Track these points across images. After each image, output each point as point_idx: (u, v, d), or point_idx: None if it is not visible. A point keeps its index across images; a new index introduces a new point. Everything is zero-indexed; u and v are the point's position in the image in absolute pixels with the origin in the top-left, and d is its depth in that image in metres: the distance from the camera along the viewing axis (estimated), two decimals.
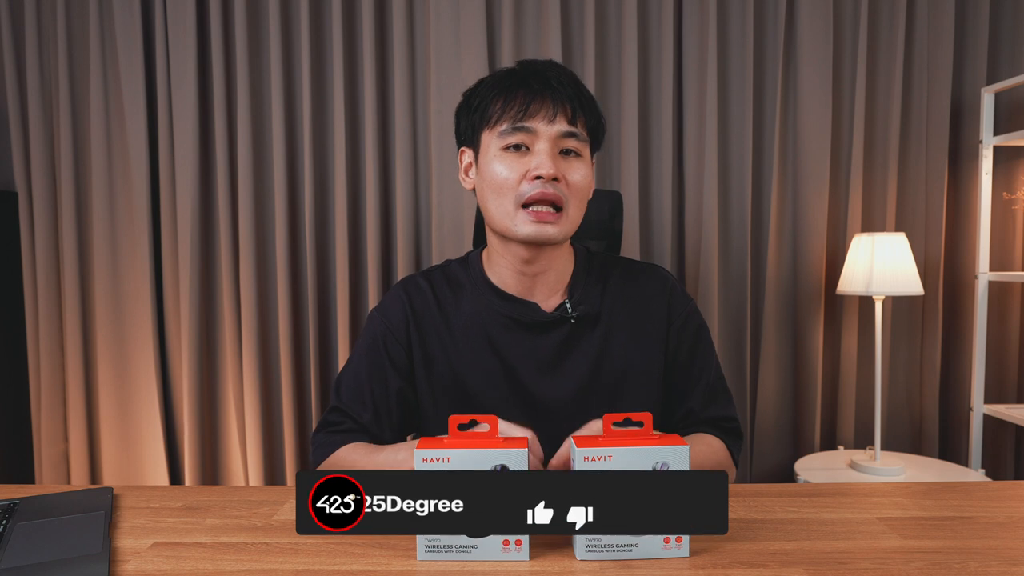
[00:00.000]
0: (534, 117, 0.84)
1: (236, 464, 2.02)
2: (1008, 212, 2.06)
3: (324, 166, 1.99)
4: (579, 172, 0.87)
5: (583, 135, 0.87)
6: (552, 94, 0.85)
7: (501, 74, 0.89)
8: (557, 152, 0.85)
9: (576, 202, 0.87)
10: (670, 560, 0.62)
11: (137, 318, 1.99)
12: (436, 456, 0.63)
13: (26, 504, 0.76)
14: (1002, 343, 2.08)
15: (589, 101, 0.89)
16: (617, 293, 0.96)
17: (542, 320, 0.92)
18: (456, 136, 0.95)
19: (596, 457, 0.62)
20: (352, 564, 0.62)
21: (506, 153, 0.86)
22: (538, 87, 0.85)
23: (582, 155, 0.88)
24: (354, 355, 0.99)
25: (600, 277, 0.97)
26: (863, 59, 1.96)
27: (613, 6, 1.96)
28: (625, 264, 1.01)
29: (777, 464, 2.05)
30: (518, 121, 0.84)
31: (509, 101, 0.85)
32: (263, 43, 1.96)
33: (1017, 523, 0.70)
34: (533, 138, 0.85)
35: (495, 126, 0.86)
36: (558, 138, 0.85)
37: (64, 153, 1.95)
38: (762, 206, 2.02)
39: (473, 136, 0.91)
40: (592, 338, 0.93)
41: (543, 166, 0.83)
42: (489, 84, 0.89)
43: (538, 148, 0.84)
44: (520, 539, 0.62)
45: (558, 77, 0.86)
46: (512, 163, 0.85)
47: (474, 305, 0.94)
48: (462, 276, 0.97)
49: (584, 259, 0.98)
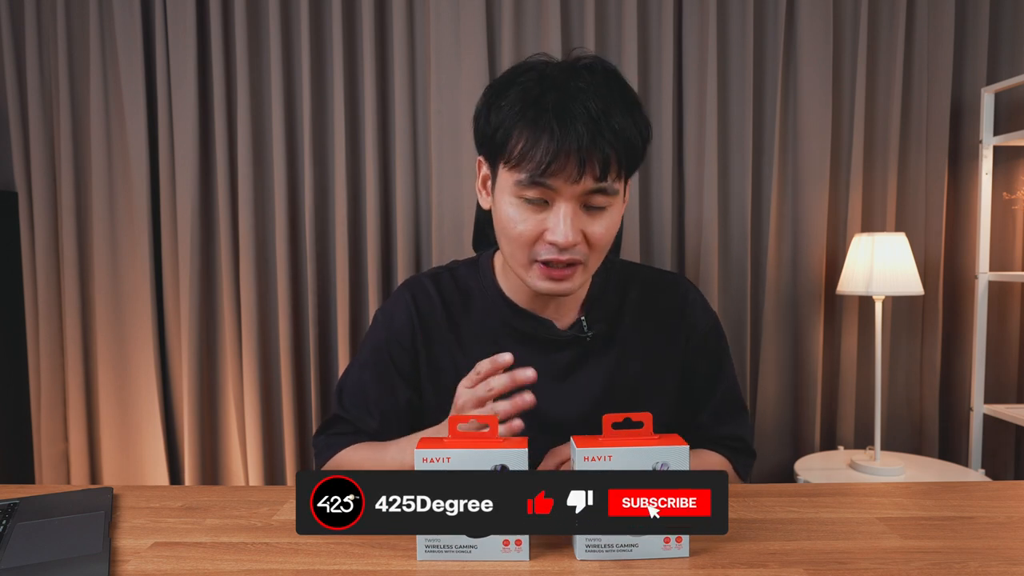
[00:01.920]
0: (556, 176, 0.73)
1: (236, 464, 2.02)
2: (1008, 212, 2.06)
3: (324, 166, 1.99)
4: (603, 225, 0.77)
5: (614, 187, 0.76)
6: (577, 146, 0.71)
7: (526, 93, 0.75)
8: (580, 208, 0.76)
9: (597, 255, 0.80)
10: (670, 560, 0.62)
11: (137, 318, 1.99)
12: (436, 456, 0.63)
13: (26, 504, 0.76)
14: (1002, 343, 2.08)
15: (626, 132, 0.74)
16: (635, 309, 0.92)
17: (557, 338, 0.89)
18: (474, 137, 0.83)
19: (596, 457, 0.62)
20: (352, 564, 0.62)
21: (521, 202, 0.76)
22: (562, 137, 0.71)
23: (610, 206, 0.77)
24: (356, 361, 0.95)
25: (618, 291, 0.93)
26: (863, 59, 1.96)
27: (613, 6, 1.96)
28: (646, 276, 0.96)
29: (777, 464, 2.05)
30: (538, 176, 0.73)
31: (530, 146, 0.73)
32: (263, 43, 1.96)
33: (1017, 523, 0.70)
34: (553, 195, 0.74)
35: (513, 169, 0.75)
36: (582, 195, 0.75)
37: (64, 153, 1.95)
38: (762, 206, 2.02)
39: (490, 158, 0.81)
40: (607, 356, 0.90)
41: (558, 234, 0.74)
42: (513, 103, 0.75)
43: (556, 208, 0.75)
44: (520, 539, 0.62)
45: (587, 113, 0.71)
46: (527, 217, 0.76)
47: (485, 315, 0.90)
48: (471, 282, 0.93)
49: (604, 269, 0.91)
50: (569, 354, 0.89)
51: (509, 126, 0.75)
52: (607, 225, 0.78)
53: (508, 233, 0.78)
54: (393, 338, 0.92)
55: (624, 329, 0.91)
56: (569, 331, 0.89)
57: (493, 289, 0.91)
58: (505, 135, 0.76)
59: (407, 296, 0.93)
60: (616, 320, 0.91)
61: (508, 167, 0.76)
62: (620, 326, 0.91)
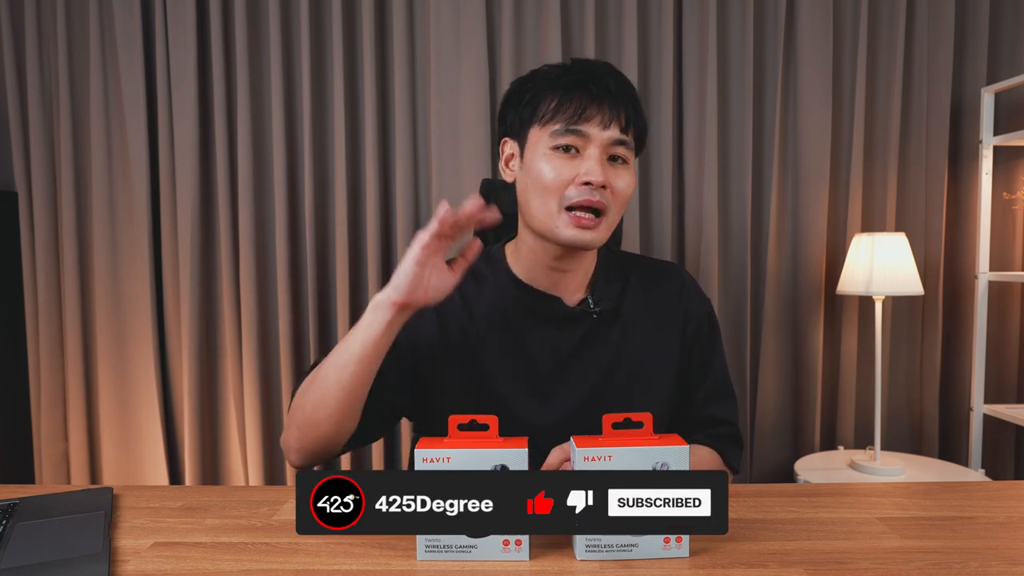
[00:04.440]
0: (589, 121, 0.83)
1: (236, 464, 2.02)
2: (1008, 212, 2.06)
3: (324, 166, 1.99)
4: (624, 180, 0.86)
5: (631, 143, 0.87)
6: (610, 100, 0.84)
7: (557, 71, 0.88)
8: (606, 158, 0.85)
9: (617, 208, 0.86)
10: (670, 560, 0.62)
11: (137, 318, 1.99)
12: (436, 456, 0.63)
13: (26, 504, 0.76)
14: (1002, 343, 2.08)
15: (640, 108, 0.88)
16: (636, 292, 0.97)
17: (566, 314, 0.92)
18: (499, 125, 0.93)
19: (596, 457, 0.62)
20: (352, 564, 0.62)
21: (555, 153, 0.84)
22: (596, 91, 0.84)
23: (628, 162, 0.87)
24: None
25: (620, 274, 0.98)
26: (863, 59, 1.96)
27: (613, 6, 1.96)
28: (644, 263, 1.02)
29: (777, 464, 2.05)
30: (572, 123, 0.83)
31: (565, 101, 0.84)
32: (263, 43, 1.96)
33: (1017, 523, 0.71)
34: (585, 142, 0.83)
35: (547, 124, 0.85)
36: (609, 144, 0.84)
37: (64, 153, 1.95)
38: (762, 206, 2.02)
39: (520, 129, 0.89)
40: (611, 334, 0.94)
41: (593, 173, 0.82)
42: (544, 78, 0.87)
43: (589, 153, 0.83)
44: (520, 539, 0.62)
45: (617, 83, 0.86)
46: (560, 165, 0.84)
47: (497, 297, 0.94)
48: (484, 269, 0.96)
49: (605, 256, 0.98)
50: (577, 330, 0.93)
51: (542, 92, 0.86)
52: (627, 181, 0.86)
53: (542, 182, 0.84)
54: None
55: (627, 309, 0.96)
56: (577, 307, 0.93)
57: (504, 272, 0.95)
58: (538, 99, 0.86)
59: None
60: (620, 299, 0.96)
61: (542, 124, 0.85)
62: (624, 306, 0.96)
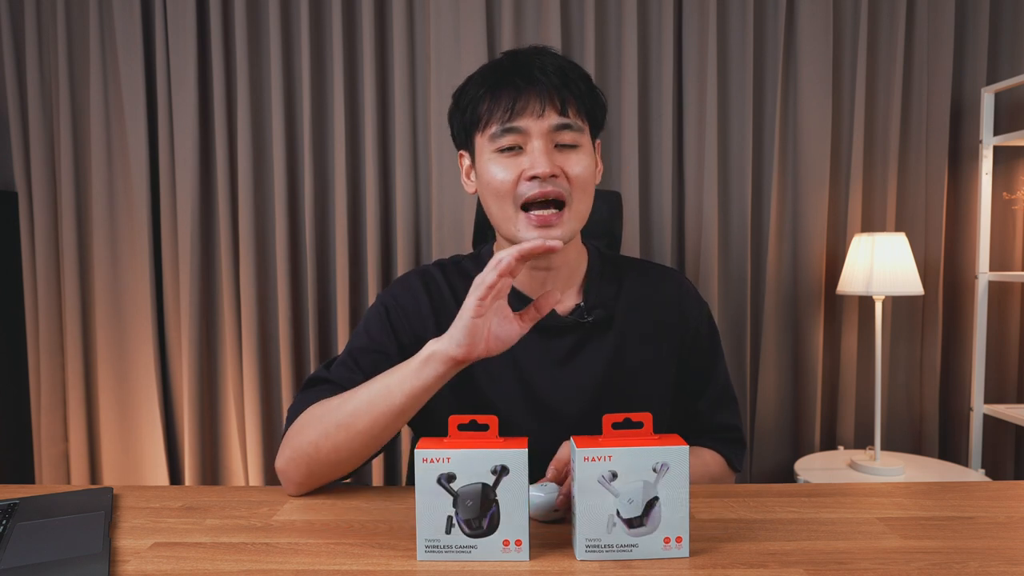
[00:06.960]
0: (522, 115, 0.81)
1: (236, 464, 2.02)
2: (1008, 212, 2.06)
3: (324, 166, 1.99)
4: (580, 164, 0.82)
5: (578, 123, 0.83)
6: (537, 88, 0.81)
7: (487, 69, 0.86)
8: (552, 147, 0.82)
9: (580, 195, 0.83)
10: (670, 560, 0.62)
11: (137, 318, 1.99)
12: (436, 456, 0.62)
13: (26, 504, 0.76)
14: (1002, 343, 2.08)
15: (580, 83, 0.84)
16: (632, 296, 0.94)
17: (557, 324, 0.90)
18: (452, 139, 0.92)
19: (596, 457, 0.62)
20: (352, 564, 0.62)
21: (500, 156, 0.82)
22: (523, 83, 0.81)
23: (580, 144, 0.84)
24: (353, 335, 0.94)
25: (615, 278, 0.95)
26: (863, 59, 1.96)
27: (613, 6, 1.96)
28: (639, 266, 0.99)
29: (777, 464, 2.05)
30: (506, 122, 0.81)
31: (495, 101, 0.82)
32: (263, 43, 1.96)
33: (1017, 523, 0.70)
34: (525, 137, 0.81)
35: (486, 129, 0.83)
36: (551, 132, 0.81)
37: (64, 153, 1.95)
38: (762, 206, 2.02)
39: (467, 139, 0.88)
40: (605, 341, 0.91)
41: (537, 165, 0.79)
42: (475, 83, 0.86)
43: (532, 146, 0.81)
44: (520, 539, 0.62)
45: (542, 67, 0.82)
46: (507, 164, 0.82)
47: None
48: (473, 271, 0.94)
49: (598, 259, 0.95)
50: (570, 339, 0.91)
51: (475, 98, 0.84)
52: (584, 164, 0.83)
53: (493, 188, 0.83)
54: (397, 305, 0.93)
55: (622, 315, 0.93)
56: (569, 316, 0.91)
57: None
58: (473, 106, 0.85)
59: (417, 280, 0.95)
60: (614, 305, 0.93)
61: (482, 131, 0.84)
62: (618, 312, 0.93)
